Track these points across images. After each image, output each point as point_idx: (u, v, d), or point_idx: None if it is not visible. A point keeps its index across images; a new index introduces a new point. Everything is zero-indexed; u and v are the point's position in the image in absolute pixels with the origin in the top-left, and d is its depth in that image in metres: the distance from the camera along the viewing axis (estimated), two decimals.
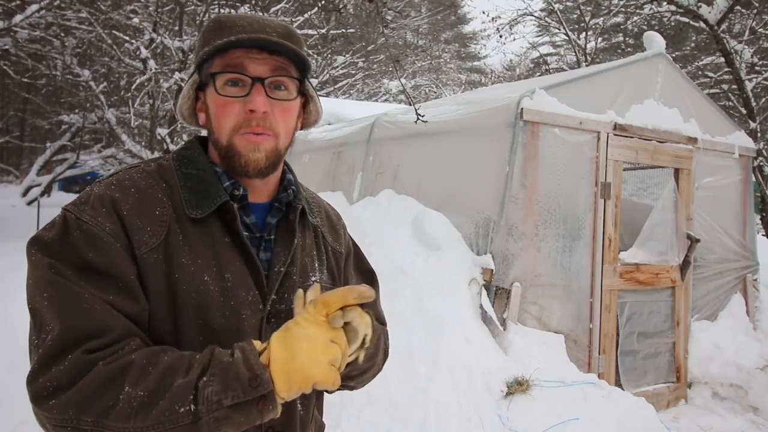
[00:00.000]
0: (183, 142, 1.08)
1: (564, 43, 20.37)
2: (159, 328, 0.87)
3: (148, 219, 0.89)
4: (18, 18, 8.75)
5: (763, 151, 7.80)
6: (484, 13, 15.53)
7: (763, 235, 7.46)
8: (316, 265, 1.08)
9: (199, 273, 0.90)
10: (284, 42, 0.94)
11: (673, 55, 10.58)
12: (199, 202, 0.93)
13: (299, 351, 0.77)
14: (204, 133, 1.05)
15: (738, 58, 8.11)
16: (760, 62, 9.81)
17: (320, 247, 1.12)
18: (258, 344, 0.80)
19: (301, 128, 1.09)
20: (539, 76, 16.37)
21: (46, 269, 0.81)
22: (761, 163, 7.95)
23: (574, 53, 15.21)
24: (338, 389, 0.91)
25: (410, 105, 4.78)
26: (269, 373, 0.76)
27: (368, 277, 1.26)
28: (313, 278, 1.06)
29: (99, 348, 0.77)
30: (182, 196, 0.93)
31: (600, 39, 16.88)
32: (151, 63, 9.86)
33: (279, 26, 0.98)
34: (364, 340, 0.86)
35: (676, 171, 4.50)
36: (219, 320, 0.90)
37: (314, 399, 1.09)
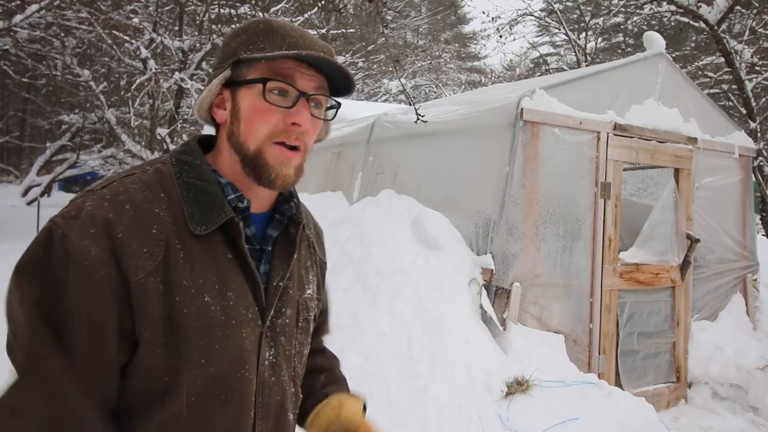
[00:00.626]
0: (181, 144, 1.04)
1: (564, 43, 20.37)
2: (153, 350, 0.83)
3: (144, 239, 0.84)
4: (18, 18, 8.76)
5: (763, 151, 7.81)
6: (484, 13, 15.57)
7: (763, 235, 7.46)
8: (310, 277, 1.08)
9: (200, 294, 0.86)
10: (338, 65, 0.94)
11: (673, 55, 10.58)
12: (203, 217, 0.89)
13: None
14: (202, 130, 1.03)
15: (738, 58, 8.11)
16: (760, 62, 9.81)
17: (312, 258, 1.12)
18: None
19: None
20: (539, 76, 16.37)
21: (35, 318, 0.78)
22: (761, 163, 7.95)
23: (574, 53, 15.21)
24: None
25: (410, 105, 4.79)
26: None
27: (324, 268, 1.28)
28: (308, 290, 1.06)
29: None
30: (185, 210, 0.89)
31: (600, 39, 16.88)
32: (151, 63, 9.87)
33: (326, 46, 0.98)
34: None
35: (676, 171, 4.50)
36: (221, 340, 0.87)
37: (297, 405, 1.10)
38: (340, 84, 0.99)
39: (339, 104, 1.01)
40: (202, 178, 0.93)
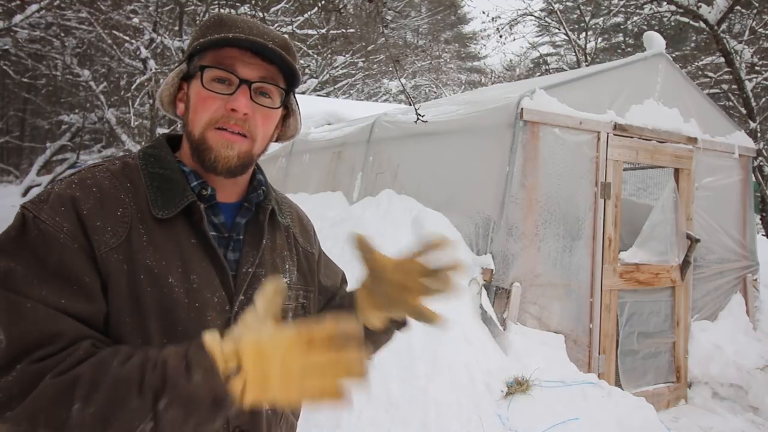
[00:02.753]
0: (150, 140, 1.06)
1: (564, 43, 20.37)
2: (120, 327, 0.85)
3: (108, 219, 0.87)
4: (18, 18, 8.75)
5: (763, 151, 7.80)
6: (484, 13, 15.60)
7: (763, 235, 7.46)
8: (287, 265, 1.08)
9: (164, 275, 0.88)
10: (278, 50, 0.94)
11: (673, 55, 10.57)
12: (165, 203, 0.92)
13: (275, 382, 0.72)
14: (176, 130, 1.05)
15: (738, 58, 8.10)
16: (760, 62, 9.81)
17: (291, 247, 1.11)
18: (219, 352, 0.74)
19: (276, 140, 1.09)
20: (539, 76, 16.37)
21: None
22: (761, 163, 7.94)
23: (574, 53, 15.21)
24: None
25: (410, 105, 4.78)
26: (241, 391, 0.73)
27: (340, 276, 1.28)
28: (285, 279, 1.06)
29: (48, 355, 0.75)
30: (148, 196, 0.92)
31: (600, 39, 16.88)
32: (151, 63, 9.87)
33: (277, 36, 0.99)
34: None
35: (676, 171, 4.50)
36: (183, 322, 0.88)
37: None
38: (291, 71, 0.99)
39: (286, 92, 1.01)
40: (166, 167, 0.96)
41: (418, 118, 3.94)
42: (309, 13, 11.53)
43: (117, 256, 0.85)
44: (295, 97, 1.08)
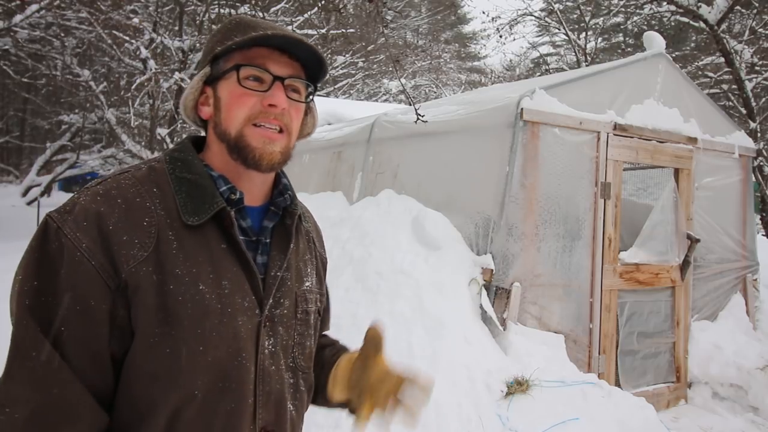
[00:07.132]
0: (175, 143, 1.06)
1: (564, 43, 20.37)
2: (146, 340, 0.85)
3: (135, 231, 0.86)
4: (18, 18, 8.76)
5: (763, 151, 7.80)
6: (484, 13, 15.59)
7: (763, 235, 7.46)
8: (308, 269, 1.10)
9: (194, 282, 0.88)
10: (312, 46, 0.98)
11: (673, 55, 10.57)
12: (195, 209, 0.92)
13: None
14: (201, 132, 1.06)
15: (738, 58, 8.10)
16: (760, 62, 9.80)
17: (312, 252, 1.14)
18: None
19: None
20: (539, 76, 16.37)
21: (25, 311, 0.81)
22: (761, 163, 7.94)
23: (574, 53, 15.21)
24: None
25: (410, 105, 4.78)
26: None
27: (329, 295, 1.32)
28: (307, 283, 1.08)
29: None
30: (177, 202, 0.92)
31: (600, 39, 16.88)
32: (151, 63, 9.87)
33: (297, 35, 1.02)
34: None
35: (676, 171, 4.50)
36: (217, 327, 0.89)
37: (305, 404, 1.10)
38: (315, 68, 1.03)
39: (315, 88, 1.05)
40: (194, 172, 0.96)
41: (418, 118, 3.94)
42: (309, 13, 11.54)
43: (146, 268, 0.85)
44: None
